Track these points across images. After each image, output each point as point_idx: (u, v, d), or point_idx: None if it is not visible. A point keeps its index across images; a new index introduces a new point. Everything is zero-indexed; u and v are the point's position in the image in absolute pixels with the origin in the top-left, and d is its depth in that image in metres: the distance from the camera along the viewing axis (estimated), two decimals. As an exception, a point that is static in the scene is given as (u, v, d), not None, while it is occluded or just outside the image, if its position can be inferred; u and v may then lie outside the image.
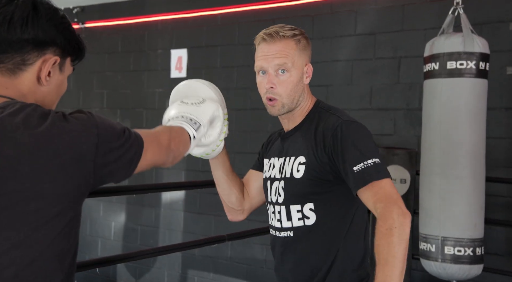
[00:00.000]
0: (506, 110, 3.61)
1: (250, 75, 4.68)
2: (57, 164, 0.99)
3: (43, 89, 1.10)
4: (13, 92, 1.07)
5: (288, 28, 1.62)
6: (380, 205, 1.42)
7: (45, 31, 1.06)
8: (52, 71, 1.10)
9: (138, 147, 1.13)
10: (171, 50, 5.16)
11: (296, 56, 1.59)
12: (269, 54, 1.59)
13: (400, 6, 4.00)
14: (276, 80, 1.59)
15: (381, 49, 4.07)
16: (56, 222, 1.00)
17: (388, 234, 1.38)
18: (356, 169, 1.47)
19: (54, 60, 1.09)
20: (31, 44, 1.05)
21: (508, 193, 3.59)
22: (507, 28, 3.60)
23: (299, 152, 1.60)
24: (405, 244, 1.38)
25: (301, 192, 1.58)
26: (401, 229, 1.38)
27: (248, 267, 4.66)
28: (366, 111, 4.07)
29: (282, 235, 1.63)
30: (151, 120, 5.31)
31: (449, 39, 2.88)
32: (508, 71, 3.59)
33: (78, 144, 1.01)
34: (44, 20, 1.06)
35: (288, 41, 1.59)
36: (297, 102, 1.62)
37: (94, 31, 5.58)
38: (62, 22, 1.10)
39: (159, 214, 5.26)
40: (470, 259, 2.86)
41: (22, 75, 1.07)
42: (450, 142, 2.87)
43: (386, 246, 1.37)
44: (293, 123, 1.66)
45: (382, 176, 1.46)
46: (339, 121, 1.54)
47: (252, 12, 4.69)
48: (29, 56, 1.06)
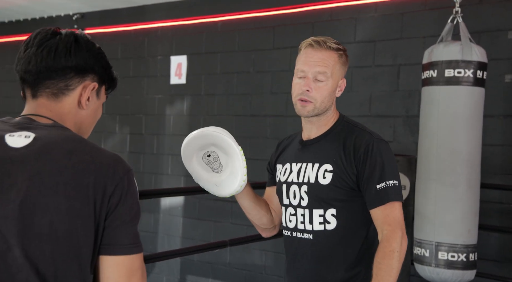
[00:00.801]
0: (504, 118, 3.62)
1: (250, 82, 4.72)
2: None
3: (82, 113, 1.22)
4: (55, 115, 1.18)
5: (334, 41, 1.73)
6: (388, 227, 1.59)
7: (85, 59, 1.20)
8: (91, 97, 1.22)
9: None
10: (170, 57, 5.18)
11: (336, 68, 1.71)
12: (312, 60, 1.69)
13: (400, 14, 4.02)
14: (313, 85, 1.69)
15: (381, 57, 4.09)
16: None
17: (390, 256, 1.56)
18: (378, 187, 1.62)
19: (93, 86, 1.21)
20: (74, 71, 1.18)
21: (503, 199, 3.61)
22: (506, 36, 3.62)
23: (324, 160, 1.70)
24: (400, 265, 1.58)
25: (326, 198, 1.68)
26: (401, 253, 1.58)
27: (247, 273, 4.66)
28: (365, 118, 4.08)
29: (301, 237, 1.72)
30: (150, 126, 5.33)
31: (448, 47, 2.90)
32: (506, 79, 3.61)
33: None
34: (85, 50, 1.20)
35: (332, 53, 1.70)
36: (326, 110, 1.73)
37: (94, 38, 5.55)
38: (99, 52, 1.24)
39: (158, 220, 5.26)
40: (463, 265, 2.88)
41: (64, 99, 1.19)
42: (446, 149, 2.89)
43: (386, 266, 1.56)
44: (317, 130, 1.76)
45: (397, 198, 1.63)
46: (373, 139, 1.68)
47: (252, 19, 4.72)
48: (72, 82, 1.19)
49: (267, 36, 4.63)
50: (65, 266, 1.05)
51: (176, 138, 5.13)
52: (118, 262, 1.08)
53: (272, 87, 4.53)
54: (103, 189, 1.07)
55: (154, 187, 5.23)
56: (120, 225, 1.08)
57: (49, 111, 1.18)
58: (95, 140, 5.56)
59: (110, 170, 1.08)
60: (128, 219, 1.09)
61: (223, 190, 1.70)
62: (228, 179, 1.67)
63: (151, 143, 5.31)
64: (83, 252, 1.06)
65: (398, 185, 1.64)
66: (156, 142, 5.28)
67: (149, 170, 5.33)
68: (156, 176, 5.27)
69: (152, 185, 5.26)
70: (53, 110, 1.18)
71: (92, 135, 5.09)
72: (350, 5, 4.24)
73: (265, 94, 4.58)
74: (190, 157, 1.68)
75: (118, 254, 1.08)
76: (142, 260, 1.12)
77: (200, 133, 1.65)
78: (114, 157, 1.12)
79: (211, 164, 1.69)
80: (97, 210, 1.06)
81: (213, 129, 1.65)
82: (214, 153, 1.67)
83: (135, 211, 1.11)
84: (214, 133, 1.64)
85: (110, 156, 1.11)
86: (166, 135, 5.21)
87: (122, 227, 1.08)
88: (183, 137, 1.74)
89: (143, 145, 5.37)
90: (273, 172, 1.89)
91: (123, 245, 1.08)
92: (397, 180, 1.64)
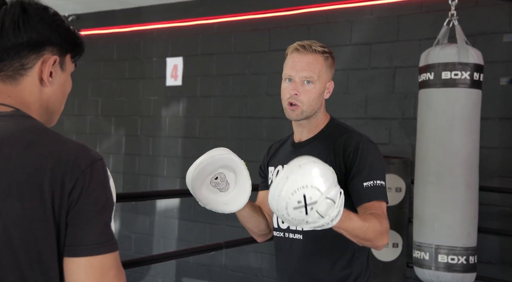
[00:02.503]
0: (499, 120, 3.63)
1: (246, 84, 4.72)
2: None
3: (47, 90, 1.09)
4: (16, 100, 1.06)
5: (319, 44, 1.74)
6: (377, 212, 1.59)
7: (38, 32, 1.05)
8: (54, 71, 1.09)
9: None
10: (166, 58, 5.17)
11: (322, 71, 1.72)
12: (299, 64, 1.71)
13: (396, 16, 4.03)
14: (300, 89, 1.71)
15: (377, 59, 4.09)
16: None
17: (377, 223, 1.53)
18: (365, 184, 1.62)
19: (54, 60, 1.08)
20: (27, 47, 1.04)
21: (501, 202, 3.61)
22: (501, 39, 3.63)
23: None
24: (369, 239, 1.52)
25: None
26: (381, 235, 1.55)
27: (242, 275, 4.65)
28: (361, 120, 4.08)
29: (292, 237, 1.72)
30: (146, 128, 5.31)
31: (444, 49, 2.91)
32: (501, 81, 3.62)
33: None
34: (36, 21, 1.05)
35: (318, 56, 1.72)
36: (315, 113, 1.75)
37: (90, 39, 5.58)
38: (54, 19, 1.08)
39: (153, 222, 5.25)
40: (463, 268, 2.88)
41: (23, 80, 1.06)
42: (444, 151, 2.89)
43: (372, 223, 1.52)
44: (308, 133, 1.78)
45: (384, 198, 1.64)
46: (362, 139, 1.69)
47: (248, 21, 4.71)
48: (27, 60, 1.05)
49: (263, 38, 4.62)
50: (26, 275, 0.95)
51: (172, 140, 5.12)
52: (84, 264, 0.95)
53: (268, 89, 4.53)
54: (61, 186, 0.95)
55: (149, 189, 5.22)
56: (82, 224, 0.96)
57: (7, 96, 1.05)
58: (90, 141, 5.54)
59: (70, 164, 0.95)
60: (91, 216, 0.96)
61: (233, 206, 1.69)
62: (236, 194, 1.67)
63: (146, 145, 5.30)
64: (45, 257, 0.96)
65: (385, 186, 1.66)
66: (152, 144, 5.27)
67: (144, 172, 5.31)
68: (152, 178, 5.25)
69: (147, 187, 5.24)
70: (12, 95, 1.05)
71: (87, 137, 5.09)
72: (346, 8, 4.24)
73: (261, 96, 4.57)
74: (200, 186, 1.65)
75: (81, 255, 0.95)
76: (114, 260, 0.98)
77: (210, 160, 1.62)
78: (78, 148, 0.99)
79: (219, 185, 1.66)
80: (56, 210, 0.95)
81: (220, 153, 1.63)
82: (221, 174, 1.65)
83: (102, 206, 0.97)
84: (222, 156, 1.62)
85: (72, 148, 0.98)
86: (162, 137, 5.19)
87: (85, 226, 0.96)
88: (178, 139, 1.73)
89: (138, 147, 5.35)
90: (266, 176, 1.89)
91: (86, 246, 0.95)
92: (384, 181, 1.66)
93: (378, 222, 1.54)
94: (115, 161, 5.47)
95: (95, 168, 0.98)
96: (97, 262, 0.96)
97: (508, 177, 3.59)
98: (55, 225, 0.95)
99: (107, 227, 0.98)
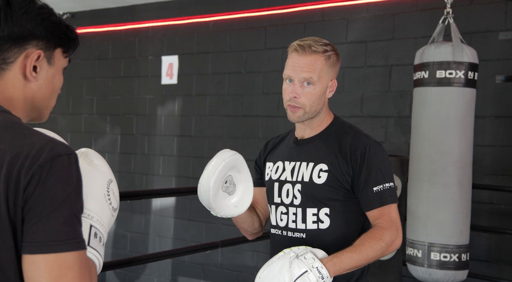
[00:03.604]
0: (495, 118, 3.64)
1: (242, 82, 4.71)
2: None
3: (32, 85, 1.06)
4: None
5: (321, 43, 1.69)
6: (384, 222, 1.61)
7: (21, 25, 1.02)
8: (39, 66, 1.05)
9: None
10: (162, 57, 5.16)
11: (323, 72, 1.68)
12: (298, 65, 1.67)
13: (391, 14, 4.03)
14: (300, 91, 1.67)
15: (372, 57, 4.09)
16: None
17: (377, 242, 1.57)
18: (375, 189, 1.63)
19: (38, 54, 1.04)
20: (9, 41, 1.02)
21: (494, 200, 3.62)
22: (496, 37, 3.64)
23: (319, 160, 1.70)
24: (379, 258, 1.59)
25: (320, 197, 1.68)
26: (389, 248, 1.58)
27: (239, 274, 4.65)
28: (357, 119, 4.08)
29: (293, 236, 1.71)
30: (141, 127, 5.30)
31: (439, 48, 2.91)
32: (497, 79, 3.62)
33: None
34: (19, 15, 1.02)
35: (319, 56, 1.67)
36: (317, 113, 1.72)
37: (85, 37, 5.57)
38: (39, 13, 1.05)
39: (149, 221, 5.24)
40: (456, 265, 2.90)
41: (5, 74, 1.04)
42: (438, 150, 2.90)
43: (370, 246, 1.56)
44: (311, 131, 1.75)
45: (394, 200, 1.65)
46: (369, 141, 1.68)
47: (244, 19, 4.71)
48: (9, 54, 1.02)
49: (258, 36, 4.62)
50: None
51: (167, 138, 5.11)
52: (40, 261, 0.91)
53: (263, 87, 4.52)
54: (16, 181, 0.90)
55: (145, 187, 5.21)
56: (36, 219, 0.91)
57: None
58: (85, 140, 5.53)
59: (29, 159, 0.91)
60: (47, 212, 0.91)
61: (242, 207, 1.67)
62: (243, 194, 1.66)
63: (142, 143, 5.29)
64: (1, 255, 0.92)
65: (394, 187, 1.66)
66: (147, 142, 5.26)
67: (140, 170, 5.30)
68: (147, 177, 5.24)
69: (143, 185, 5.23)
70: None
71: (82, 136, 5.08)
72: (342, 6, 4.24)
73: (257, 94, 4.57)
74: (216, 194, 1.59)
75: (37, 252, 0.91)
76: (76, 259, 0.93)
77: (224, 163, 1.58)
78: (43, 142, 0.94)
79: (228, 189, 1.64)
80: (11, 206, 0.91)
81: (230, 154, 1.60)
82: (229, 176, 1.63)
83: (61, 202, 0.92)
84: (233, 157, 1.60)
85: (36, 142, 0.94)
86: (157, 135, 5.18)
87: (41, 222, 0.91)
88: (174, 137, 1.72)
89: (134, 146, 5.34)
90: (262, 172, 1.87)
91: (42, 242, 0.91)
92: (393, 182, 1.66)
93: (377, 239, 1.57)
94: (111, 160, 5.46)
95: (56, 162, 0.92)
96: (54, 260, 0.91)
97: (501, 175, 3.60)
98: (10, 222, 0.92)
99: (67, 225, 0.92)
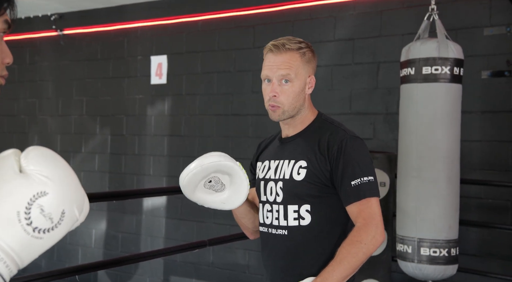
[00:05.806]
0: (481, 114, 3.68)
1: (231, 81, 4.72)
2: None
3: None
4: None
5: (295, 41, 1.72)
6: (362, 221, 1.59)
7: None
8: None
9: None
10: (151, 57, 5.16)
11: (300, 68, 1.71)
12: (274, 64, 1.70)
13: (378, 12, 4.06)
14: (279, 89, 1.70)
15: (360, 54, 4.12)
16: None
17: (356, 245, 1.57)
18: (353, 183, 1.62)
19: None
20: None
21: (482, 194, 3.66)
22: (482, 33, 3.67)
23: (300, 157, 1.71)
24: (365, 259, 1.59)
25: (300, 193, 1.69)
26: (369, 246, 1.58)
27: (230, 273, 4.66)
28: (346, 116, 4.11)
29: (276, 233, 1.72)
30: (131, 127, 5.30)
31: (425, 44, 2.93)
32: (483, 75, 3.66)
33: None
34: None
35: (293, 53, 1.70)
36: (298, 110, 1.73)
37: (73, 38, 5.55)
38: None
39: (140, 221, 5.24)
40: (445, 260, 2.92)
41: None
42: (426, 145, 2.92)
43: (349, 253, 1.57)
44: (294, 129, 1.77)
45: (374, 194, 1.63)
46: (346, 136, 1.68)
47: (232, 18, 4.72)
48: None
49: (247, 35, 4.63)
50: None
51: (157, 138, 5.11)
52: None
53: (253, 86, 4.54)
54: None
55: (136, 187, 5.21)
56: None
57: None
58: (76, 141, 5.51)
59: None
60: None
61: (231, 205, 1.73)
62: (233, 193, 1.71)
63: (132, 143, 5.29)
64: None
65: (374, 180, 1.64)
66: (138, 142, 5.25)
67: (130, 171, 5.30)
68: (138, 177, 5.24)
69: (134, 185, 5.23)
70: None
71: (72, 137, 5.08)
72: (329, 4, 4.26)
73: (246, 93, 4.58)
74: (192, 191, 1.70)
75: None
76: None
77: (199, 168, 1.64)
78: None
79: (214, 187, 1.70)
80: None
81: (210, 160, 1.64)
82: (215, 177, 1.68)
83: None
84: (212, 164, 1.64)
85: None
86: (148, 135, 5.19)
87: None
88: (164, 137, 1.74)
89: (124, 146, 5.34)
90: (255, 172, 1.89)
91: None
92: (373, 176, 1.64)
93: (355, 242, 1.57)
94: (101, 161, 5.45)
95: None
96: None
97: (489, 170, 3.64)
98: None
99: None
